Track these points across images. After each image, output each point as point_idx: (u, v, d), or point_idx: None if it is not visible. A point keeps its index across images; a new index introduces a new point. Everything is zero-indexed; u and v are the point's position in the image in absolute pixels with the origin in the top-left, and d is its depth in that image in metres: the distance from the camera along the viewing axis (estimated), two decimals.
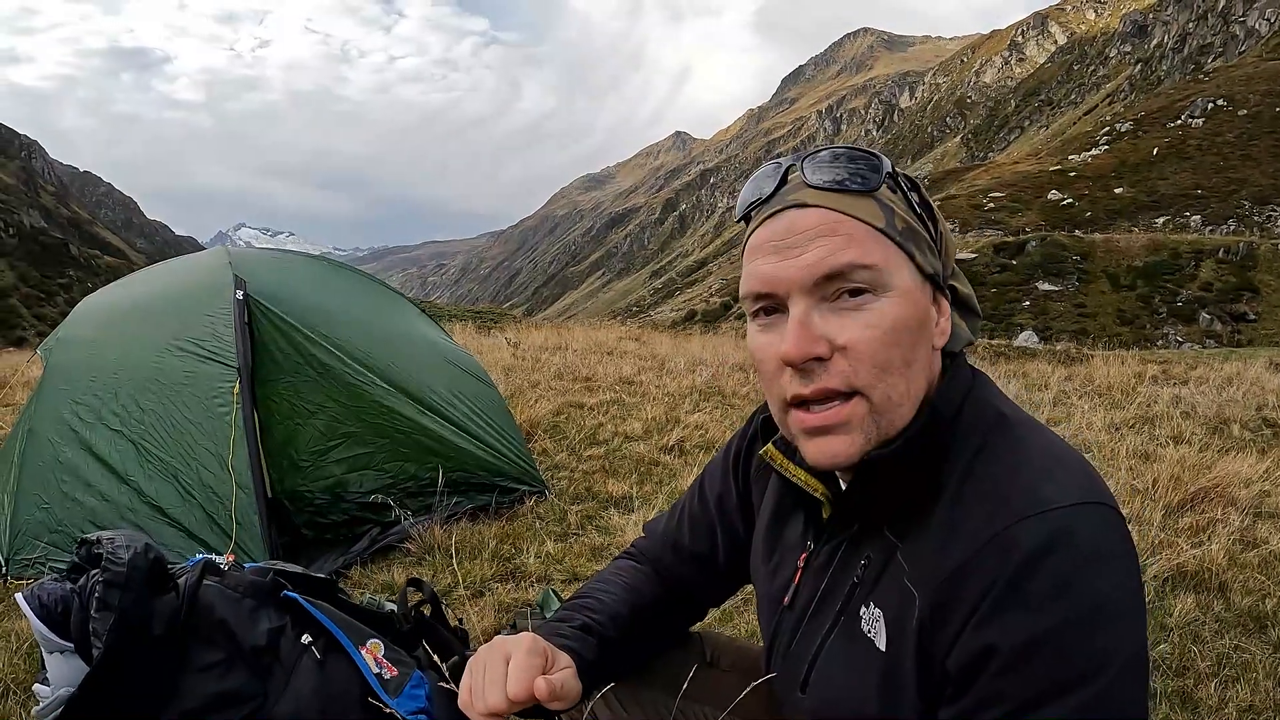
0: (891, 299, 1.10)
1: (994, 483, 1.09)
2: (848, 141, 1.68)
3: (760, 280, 1.13)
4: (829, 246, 1.09)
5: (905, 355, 1.11)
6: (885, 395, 1.11)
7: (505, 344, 12.40)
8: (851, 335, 1.09)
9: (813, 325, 1.09)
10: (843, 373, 1.10)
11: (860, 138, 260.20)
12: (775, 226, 1.14)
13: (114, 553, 1.95)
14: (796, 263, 1.10)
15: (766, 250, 1.14)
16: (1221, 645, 3.05)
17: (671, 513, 1.66)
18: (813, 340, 1.09)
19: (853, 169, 1.14)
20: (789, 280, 1.10)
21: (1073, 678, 0.96)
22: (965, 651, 1.03)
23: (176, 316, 4.23)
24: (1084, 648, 0.97)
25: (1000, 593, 1.00)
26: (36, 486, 3.78)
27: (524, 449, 5.00)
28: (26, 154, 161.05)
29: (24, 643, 3.08)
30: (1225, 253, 38.74)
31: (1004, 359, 12.46)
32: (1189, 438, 6.13)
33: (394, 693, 2.07)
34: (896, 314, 1.09)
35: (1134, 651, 0.99)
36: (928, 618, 1.08)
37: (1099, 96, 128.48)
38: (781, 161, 1.20)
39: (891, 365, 1.10)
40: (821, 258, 1.09)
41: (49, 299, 64.36)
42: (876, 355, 1.09)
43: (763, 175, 1.21)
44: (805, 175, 1.15)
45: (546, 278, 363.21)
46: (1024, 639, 0.98)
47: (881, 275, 1.09)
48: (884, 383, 1.10)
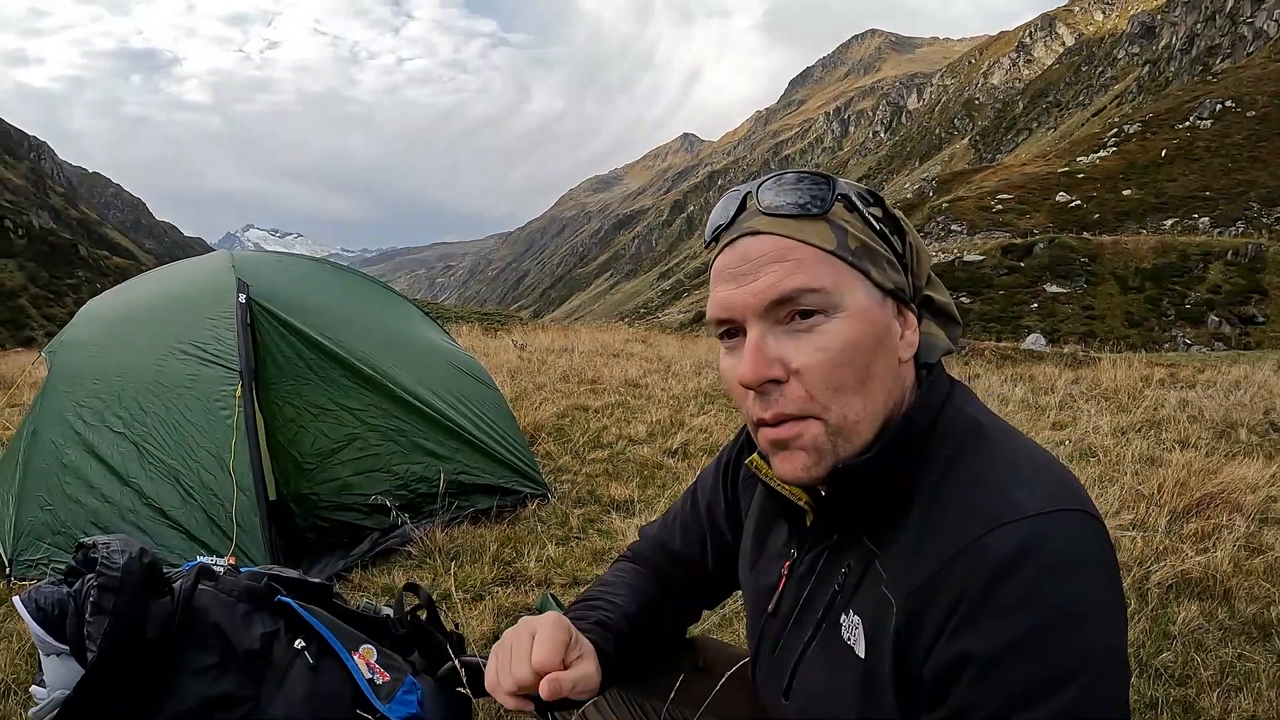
0: (843, 319, 1.12)
1: (967, 491, 1.09)
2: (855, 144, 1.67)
3: (719, 306, 1.18)
4: (779, 273, 1.12)
5: (859, 374, 1.12)
6: (841, 416, 1.13)
7: (512, 346, 12.42)
8: (803, 360, 1.12)
9: (767, 348, 1.13)
10: (798, 398, 1.13)
11: (868, 139, 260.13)
12: (732, 255, 1.18)
13: (109, 557, 1.96)
14: (749, 289, 1.13)
15: (725, 277, 1.18)
16: (1225, 654, 3.03)
17: (665, 518, 1.68)
18: (767, 364, 1.12)
19: (803, 194, 1.17)
20: (743, 306, 1.14)
21: (1048, 683, 0.96)
22: (940, 660, 1.03)
23: (180, 320, 4.24)
24: (1059, 652, 0.97)
25: (973, 600, 1.00)
26: (40, 488, 3.79)
27: (527, 452, 5.01)
28: (36, 155, 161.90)
29: (25, 643, 3.09)
30: (1234, 255, 38.56)
31: (1011, 362, 12.42)
32: (1196, 442, 6.10)
33: (386, 698, 2.07)
34: (848, 334, 1.11)
35: (1110, 655, 0.99)
36: (904, 626, 1.08)
37: (1107, 98, 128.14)
38: (740, 189, 1.23)
39: (845, 386, 1.12)
40: (771, 284, 1.12)
41: (58, 299, 64.61)
42: (829, 377, 1.11)
43: (725, 202, 1.24)
44: (758, 201, 1.18)
45: (554, 279, 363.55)
46: (998, 646, 0.98)
47: (831, 297, 1.11)
48: (838, 403, 1.12)
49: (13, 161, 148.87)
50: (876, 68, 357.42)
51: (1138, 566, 3.65)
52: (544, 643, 1.24)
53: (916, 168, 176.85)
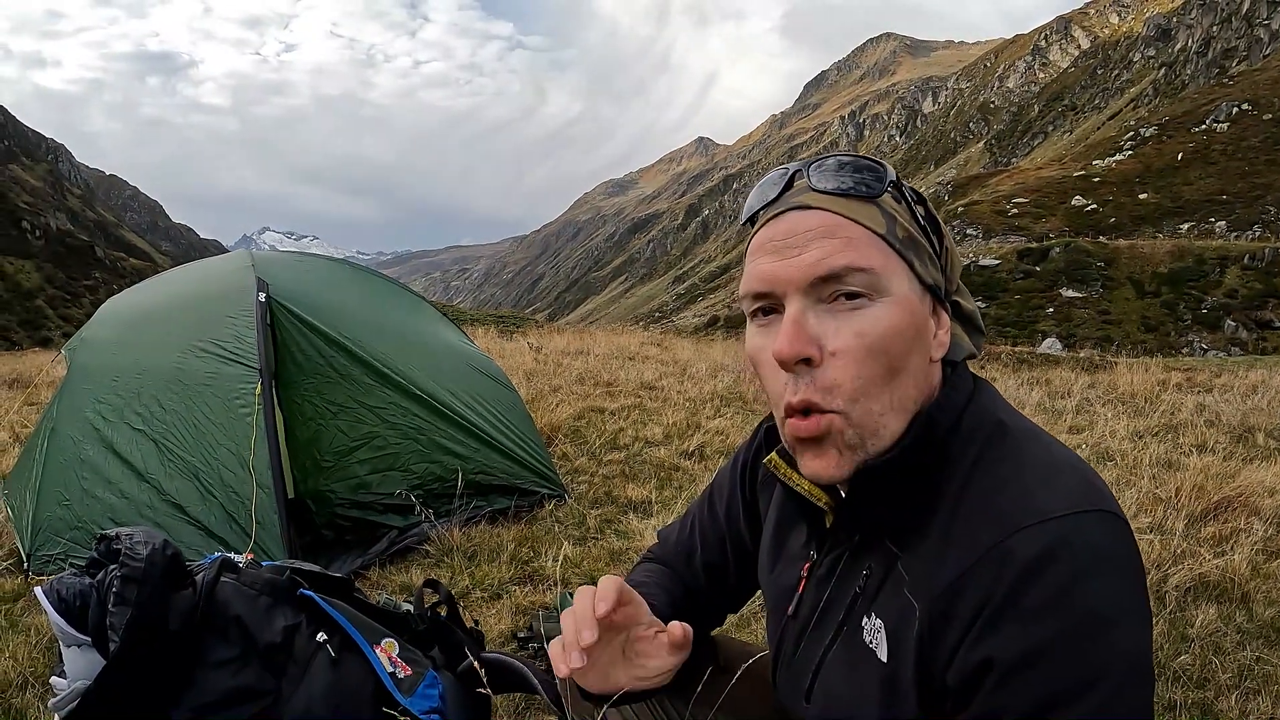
0: (886, 305, 1.09)
1: (991, 493, 1.07)
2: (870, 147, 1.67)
3: (759, 279, 1.14)
4: (828, 248, 1.09)
5: (893, 363, 1.10)
6: (865, 411, 1.10)
7: (527, 348, 12.43)
8: (840, 342, 1.09)
9: (807, 325, 1.09)
10: (825, 386, 1.09)
11: (883, 143, 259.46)
12: (777, 227, 1.14)
13: (132, 548, 1.97)
14: (795, 262, 1.10)
15: (767, 250, 1.14)
16: (1243, 657, 3.02)
17: (683, 522, 1.65)
18: (805, 340, 1.09)
19: (857, 176, 1.15)
20: (786, 279, 1.11)
21: (1073, 688, 0.95)
22: (964, 664, 1.01)
23: (199, 318, 4.27)
24: (1084, 657, 0.95)
25: (998, 605, 0.99)
26: (58, 484, 3.82)
27: (544, 453, 5.01)
28: (53, 157, 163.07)
29: (44, 637, 3.13)
30: (1250, 259, 38.28)
31: (1027, 366, 12.38)
32: (1213, 446, 6.08)
33: (407, 692, 2.08)
34: (890, 320, 1.09)
35: (1136, 660, 0.97)
36: (926, 629, 1.07)
37: (1123, 101, 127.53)
38: (789, 167, 1.20)
39: (875, 376, 1.09)
40: (819, 258, 1.09)
41: (75, 300, 64.97)
42: (864, 363, 1.08)
43: (769, 180, 1.21)
44: (810, 180, 1.16)
45: (569, 283, 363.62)
46: (1022, 651, 0.97)
47: (879, 280, 1.09)
48: (864, 397, 1.09)
49: (30, 163, 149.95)
50: (891, 71, 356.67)
51: (1156, 570, 3.64)
52: (604, 586, 1.22)
53: (931, 171, 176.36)
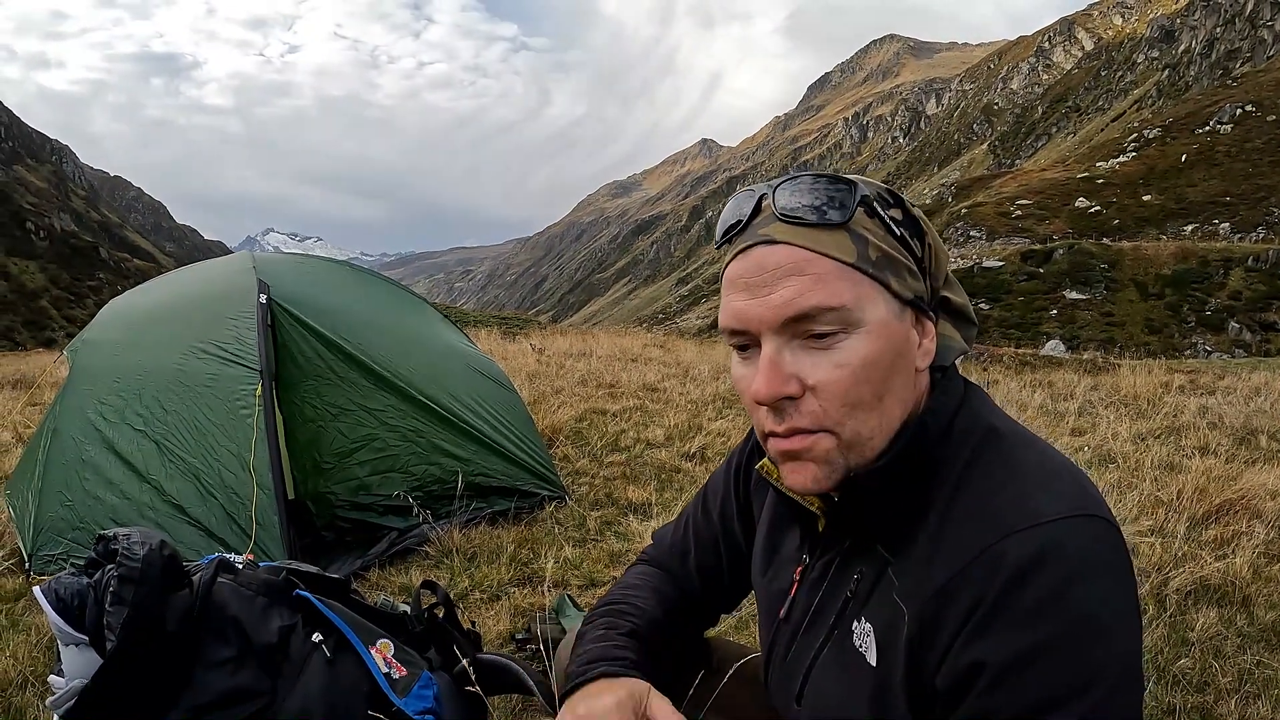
0: (862, 336, 1.08)
1: (982, 497, 1.07)
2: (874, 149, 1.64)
3: (733, 316, 1.12)
4: (796, 287, 1.07)
5: (877, 390, 1.09)
6: (855, 431, 1.10)
7: (530, 350, 12.44)
8: (820, 376, 1.08)
9: (783, 364, 1.09)
10: (812, 413, 1.09)
11: (887, 145, 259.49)
12: (746, 262, 1.12)
13: (129, 548, 1.97)
14: (765, 302, 1.08)
15: (738, 286, 1.12)
16: (1244, 661, 3.01)
17: (678, 523, 1.65)
18: (783, 380, 1.08)
19: (823, 200, 1.11)
20: (759, 319, 1.09)
21: (1063, 693, 0.95)
22: (954, 668, 1.01)
23: (201, 320, 4.28)
24: (1073, 662, 0.95)
25: (988, 609, 0.99)
26: (60, 484, 3.83)
27: (545, 454, 5.01)
28: (58, 158, 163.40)
29: (44, 636, 3.14)
30: (1254, 261, 38.26)
31: (1030, 368, 12.38)
32: (1215, 448, 6.06)
33: (402, 693, 2.08)
34: (867, 351, 1.07)
35: (1127, 664, 0.98)
36: (916, 634, 1.07)
37: (1127, 103, 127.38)
38: (755, 189, 1.17)
39: (862, 402, 1.09)
40: (788, 299, 1.07)
41: (79, 301, 65.13)
42: (847, 394, 1.08)
43: (737, 202, 1.19)
44: (775, 207, 1.12)
45: (573, 284, 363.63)
46: (1012, 655, 0.97)
47: (851, 314, 1.07)
48: (853, 419, 1.09)
49: (35, 164, 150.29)
50: (895, 73, 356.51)
51: (1156, 573, 3.63)
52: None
53: (935, 173, 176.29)
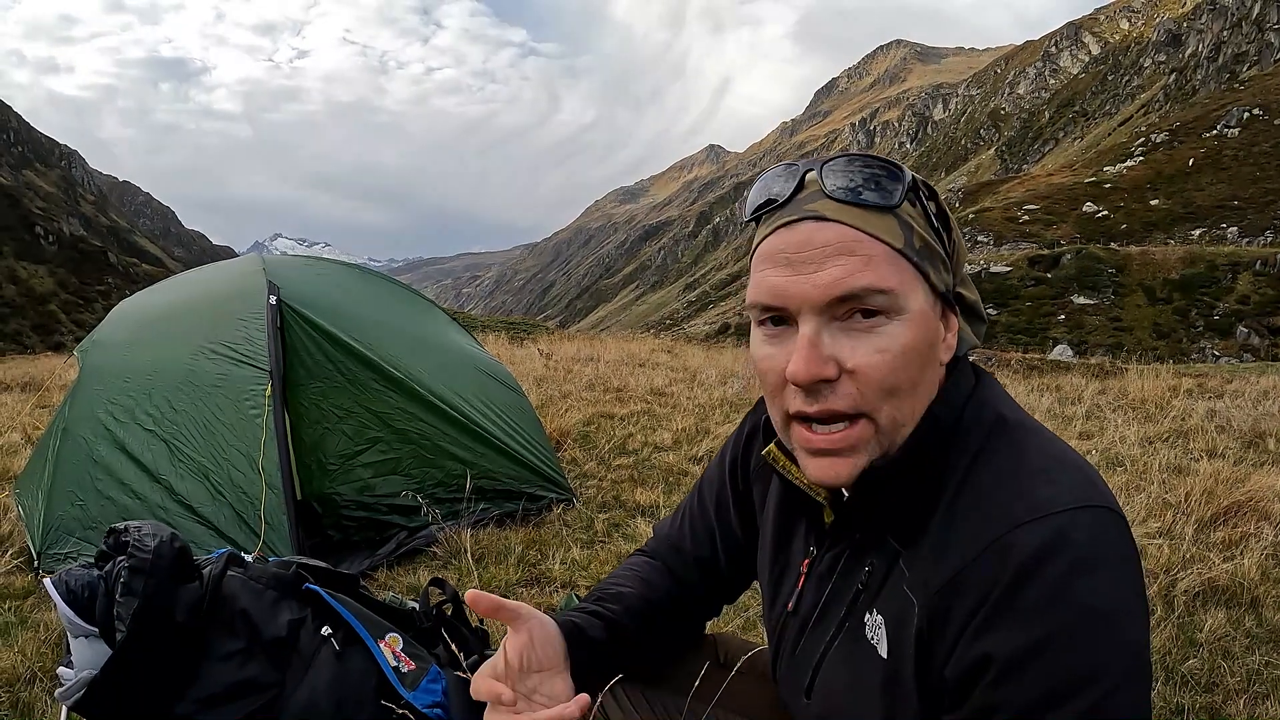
0: (904, 322, 1.06)
1: (990, 489, 1.07)
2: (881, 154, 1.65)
3: (770, 293, 1.09)
4: (847, 267, 1.04)
5: (913, 378, 1.08)
6: (891, 417, 1.09)
7: (538, 355, 12.45)
8: (861, 359, 1.06)
9: (822, 346, 1.06)
10: (850, 395, 1.07)
11: (894, 150, 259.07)
12: (790, 238, 1.09)
13: (140, 540, 1.99)
14: (811, 279, 1.05)
15: (779, 261, 1.09)
16: (1252, 661, 3.00)
17: (675, 515, 1.65)
18: (822, 362, 1.05)
19: (874, 182, 1.09)
20: (801, 297, 1.06)
21: (1071, 685, 0.95)
22: (962, 660, 1.01)
23: (211, 320, 4.29)
24: (1081, 655, 0.95)
25: (996, 601, 0.99)
26: (70, 484, 3.84)
27: (553, 457, 5.02)
28: (67, 163, 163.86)
29: (53, 632, 3.15)
30: (1262, 265, 38.14)
31: (1038, 373, 12.36)
32: (1223, 452, 6.05)
33: (410, 686, 2.09)
34: (908, 338, 1.06)
35: (1134, 656, 0.97)
36: (926, 625, 1.07)
37: (1133, 107, 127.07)
38: (798, 165, 1.14)
39: (899, 389, 1.07)
40: (838, 278, 1.04)
41: (87, 305, 65.26)
42: (885, 380, 1.06)
43: (774, 176, 1.15)
44: (824, 184, 1.09)
45: (580, 290, 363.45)
46: (1020, 647, 0.96)
47: (897, 299, 1.05)
48: (890, 405, 1.08)
49: (44, 169, 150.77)
50: (902, 78, 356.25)
51: (1165, 574, 3.62)
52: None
53: (942, 178, 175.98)
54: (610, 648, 1.40)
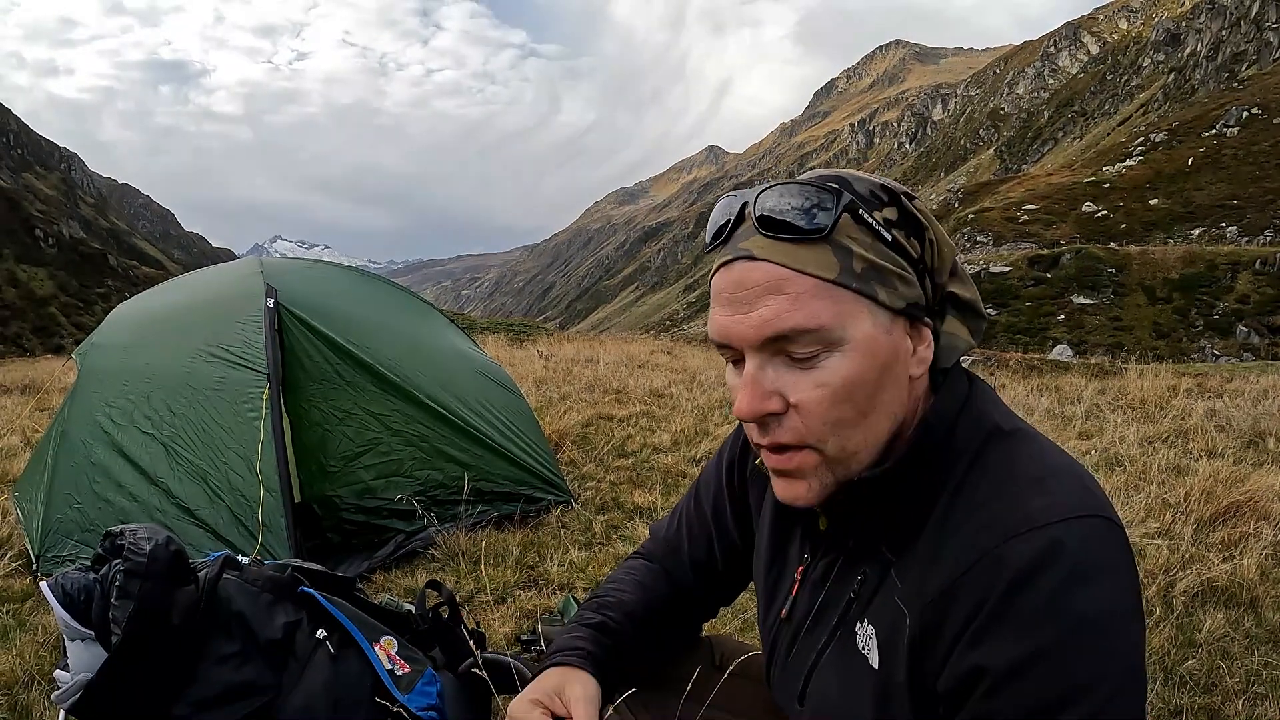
0: (845, 354, 1.05)
1: (984, 499, 1.06)
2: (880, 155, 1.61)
3: (718, 332, 1.11)
4: (775, 307, 1.04)
5: (860, 407, 1.08)
6: (839, 448, 1.09)
7: (537, 356, 12.44)
8: (802, 395, 1.07)
9: (764, 381, 1.08)
10: (794, 429, 1.08)
11: (893, 151, 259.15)
12: (728, 277, 1.10)
13: (136, 544, 1.99)
14: (746, 320, 1.06)
15: (721, 301, 1.11)
16: (1251, 662, 3.00)
17: (672, 517, 1.65)
18: (764, 398, 1.07)
19: (803, 211, 1.06)
20: (740, 337, 1.08)
21: (1065, 696, 0.95)
22: (955, 672, 1.01)
23: (209, 323, 4.29)
24: (1075, 666, 0.95)
25: (990, 612, 0.99)
26: (69, 486, 3.83)
27: (551, 459, 5.02)
28: (66, 166, 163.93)
29: (51, 635, 3.17)
30: (1262, 264, 38.08)
31: (1037, 373, 12.35)
32: (1223, 451, 6.04)
33: (405, 689, 2.09)
34: (849, 370, 1.05)
35: (1128, 668, 0.97)
36: (918, 636, 1.07)
37: (1133, 107, 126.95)
38: (737, 196, 1.14)
39: (844, 420, 1.08)
40: (766, 319, 1.05)
41: (87, 308, 65.27)
42: (827, 414, 1.07)
43: (720, 209, 1.15)
44: (754, 218, 1.09)
45: (580, 291, 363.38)
46: (1013, 659, 0.96)
47: (831, 334, 1.04)
48: (836, 436, 1.08)
49: (44, 172, 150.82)
50: (901, 79, 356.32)
51: (1163, 574, 3.62)
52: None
53: (942, 179, 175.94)
54: (616, 661, 1.42)
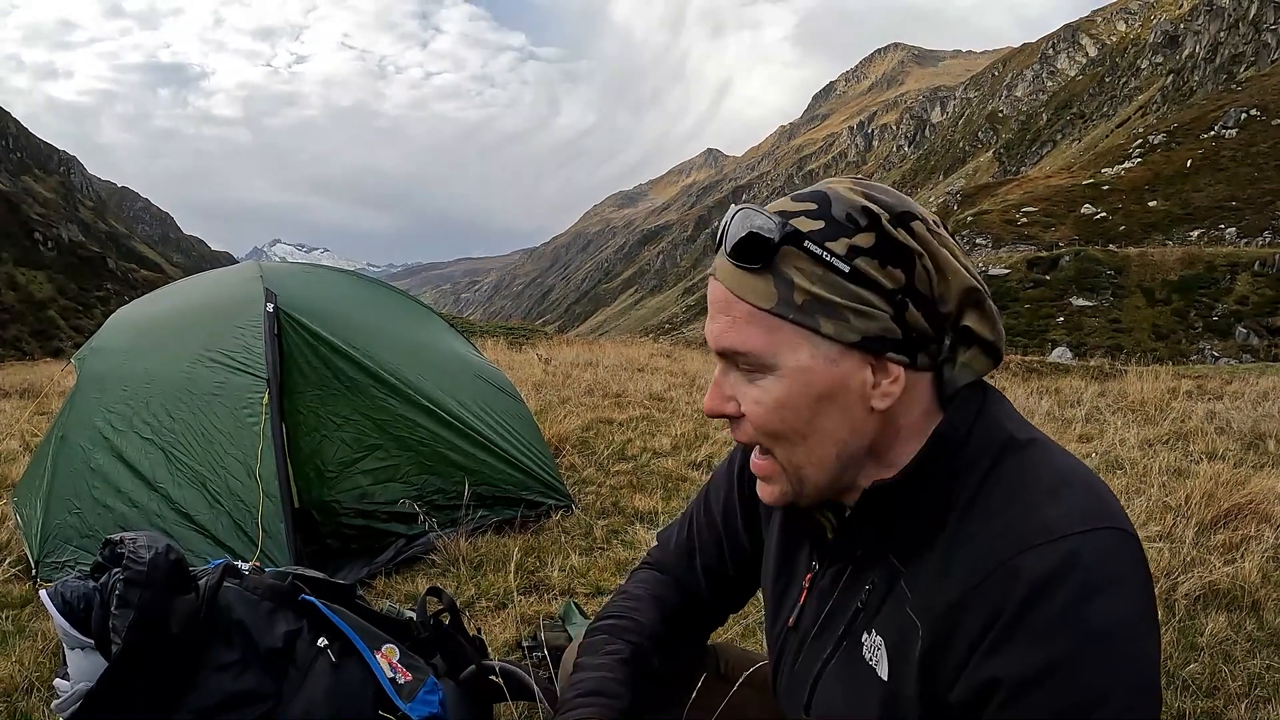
0: (775, 379, 1.11)
1: (998, 510, 1.06)
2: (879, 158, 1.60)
3: (706, 335, 1.19)
4: (721, 325, 1.14)
5: (797, 428, 1.12)
6: (787, 458, 1.15)
7: (536, 360, 12.43)
8: (745, 405, 1.15)
9: (724, 386, 1.17)
10: (746, 432, 1.16)
11: (892, 153, 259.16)
12: (709, 288, 1.18)
13: (135, 552, 1.99)
14: (710, 330, 1.16)
15: (708, 308, 1.19)
16: (1253, 665, 2.99)
17: (681, 523, 1.65)
18: (722, 400, 1.17)
19: (745, 243, 1.10)
20: (710, 343, 1.16)
21: (1080, 708, 0.95)
22: (970, 684, 1.01)
23: (208, 328, 4.28)
24: (1091, 678, 0.95)
25: (1004, 625, 0.99)
26: (68, 491, 3.83)
27: (551, 464, 5.01)
28: (65, 169, 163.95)
29: (50, 642, 3.15)
30: (1261, 265, 38.09)
31: (1037, 375, 12.35)
32: (1223, 453, 6.03)
33: (407, 697, 2.08)
34: (779, 393, 1.11)
35: (1143, 680, 0.97)
36: (931, 647, 1.06)
37: (1131, 108, 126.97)
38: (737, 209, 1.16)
39: (781, 436, 1.14)
40: (715, 334, 1.14)
41: (86, 311, 65.19)
42: (764, 426, 1.14)
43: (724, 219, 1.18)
44: (723, 237, 1.15)
45: (579, 294, 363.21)
46: (1029, 671, 0.96)
47: (762, 359, 1.11)
48: (781, 448, 1.15)
49: (43, 175, 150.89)
50: (900, 81, 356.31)
51: (1165, 578, 3.61)
52: None
53: (941, 181, 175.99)
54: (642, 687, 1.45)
